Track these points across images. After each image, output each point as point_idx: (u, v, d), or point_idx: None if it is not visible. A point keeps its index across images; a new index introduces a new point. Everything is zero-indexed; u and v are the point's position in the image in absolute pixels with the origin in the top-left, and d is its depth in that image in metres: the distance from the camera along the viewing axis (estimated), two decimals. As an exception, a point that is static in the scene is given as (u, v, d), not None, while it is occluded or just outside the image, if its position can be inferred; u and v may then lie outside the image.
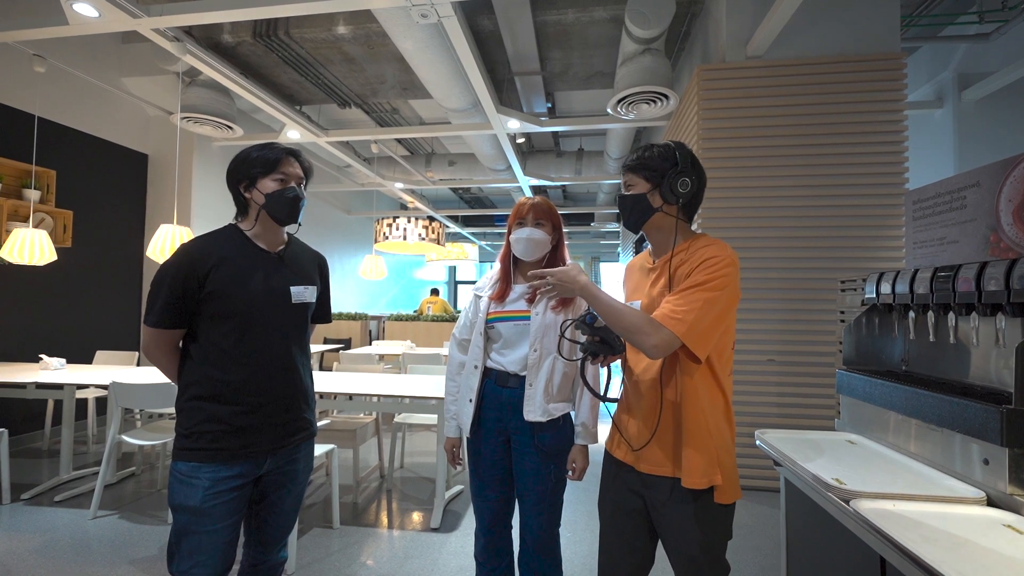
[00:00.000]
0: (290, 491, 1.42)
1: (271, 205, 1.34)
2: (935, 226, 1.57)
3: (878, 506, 1.08)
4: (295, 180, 1.38)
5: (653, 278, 1.28)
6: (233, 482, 1.26)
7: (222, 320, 1.28)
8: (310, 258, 1.51)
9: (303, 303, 1.41)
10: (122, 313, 4.91)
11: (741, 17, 3.34)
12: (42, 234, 3.35)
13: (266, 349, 1.32)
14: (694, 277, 1.13)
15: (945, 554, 0.88)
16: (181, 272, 1.25)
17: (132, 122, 4.99)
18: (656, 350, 1.10)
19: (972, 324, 1.32)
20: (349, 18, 3.99)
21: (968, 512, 1.06)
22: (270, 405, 1.33)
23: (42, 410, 4.15)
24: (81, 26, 3.04)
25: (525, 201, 1.65)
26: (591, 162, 6.71)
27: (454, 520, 2.74)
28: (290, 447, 1.38)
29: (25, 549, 2.37)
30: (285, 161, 1.36)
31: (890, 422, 1.49)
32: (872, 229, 3.12)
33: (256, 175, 1.34)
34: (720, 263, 1.13)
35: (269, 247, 1.39)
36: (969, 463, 1.18)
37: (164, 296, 1.24)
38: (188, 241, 1.31)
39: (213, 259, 1.28)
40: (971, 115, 4.07)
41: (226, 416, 1.27)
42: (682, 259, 1.21)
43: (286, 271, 1.39)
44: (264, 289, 1.33)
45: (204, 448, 1.25)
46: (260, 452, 1.31)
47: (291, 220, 1.38)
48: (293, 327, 1.39)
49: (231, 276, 1.28)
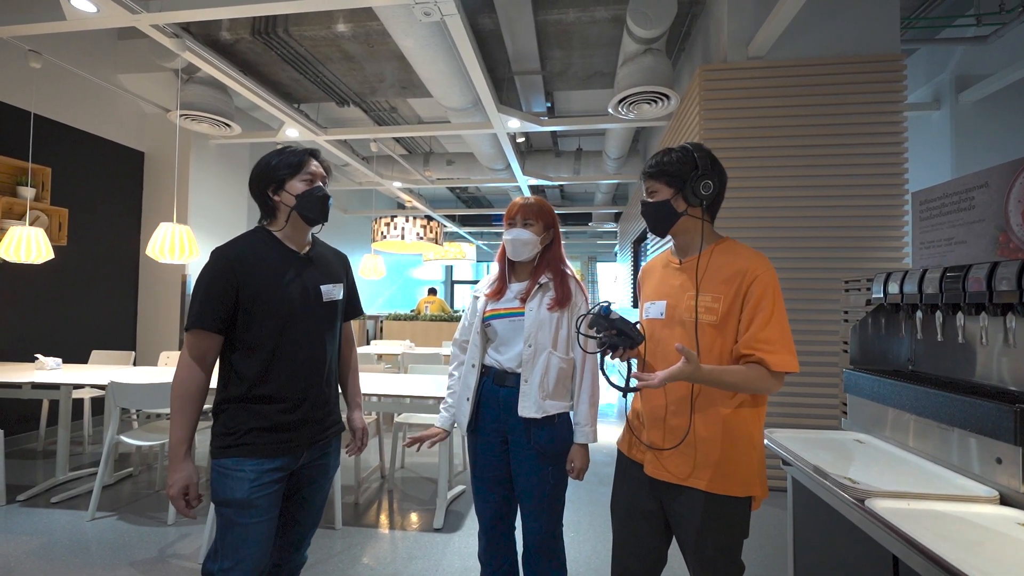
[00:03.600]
0: (321, 486, 1.45)
1: (302, 205, 1.36)
2: (942, 226, 1.58)
3: (893, 505, 1.08)
4: (320, 179, 1.40)
5: (682, 278, 1.28)
6: (276, 474, 1.29)
7: (261, 320, 1.29)
8: (335, 257, 1.54)
9: (333, 300, 1.44)
10: (118, 312, 4.86)
11: (742, 18, 3.34)
12: (39, 232, 3.31)
13: (304, 347, 1.35)
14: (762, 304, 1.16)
15: (963, 553, 0.89)
16: (220, 274, 1.27)
17: (128, 119, 4.94)
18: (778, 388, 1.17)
19: (981, 324, 1.32)
20: (349, 16, 3.97)
21: (982, 511, 1.06)
22: (309, 401, 1.36)
23: (36, 410, 4.10)
24: (79, 22, 3.01)
25: (515, 202, 1.66)
26: (589, 162, 6.71)
27: (457, 520, 2.74)
28: (323, 441, 1.41)
29: (23, 551, 2.34)
30: (309, 161, 1.39)
31: (898, 421, 1.49)
32: (873, 229, 3.14)
33: (284, 177, 1.36)
34: (770, 278, 1.19)
35: (298, 248, 1.41)
36: (981, 462, 1.19)
37: (202, 298, 1.26)
38: (223, 245, 1.32)
39: (249, 260, 1.31)
40: (968, 117, 4.11)
41: (269, 414, 1.29)
42: (712, 262, 1.23)
43: (315, 271, 1.42)
44: (299, 288, 1.35)
45: (248, 444, 1.27)
46: (300, 446, 1.34)
47: (322, 218, 1.41)
48: (327, 324, 1.42)
49: (268, 277, 1.31)
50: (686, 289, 1.25)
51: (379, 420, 3.46)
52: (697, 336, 1.20)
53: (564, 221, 11.31)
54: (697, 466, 1.19)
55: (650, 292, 1.38)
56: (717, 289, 1.21)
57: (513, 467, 1.58)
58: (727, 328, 1.19)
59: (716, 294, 1.21)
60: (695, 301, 1.22)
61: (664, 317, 1.28)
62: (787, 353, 1.14)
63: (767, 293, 1.17)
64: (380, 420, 3.48)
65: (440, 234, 7.22)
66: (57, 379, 3.06)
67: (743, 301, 1.18)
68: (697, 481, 1.19)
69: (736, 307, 1.19)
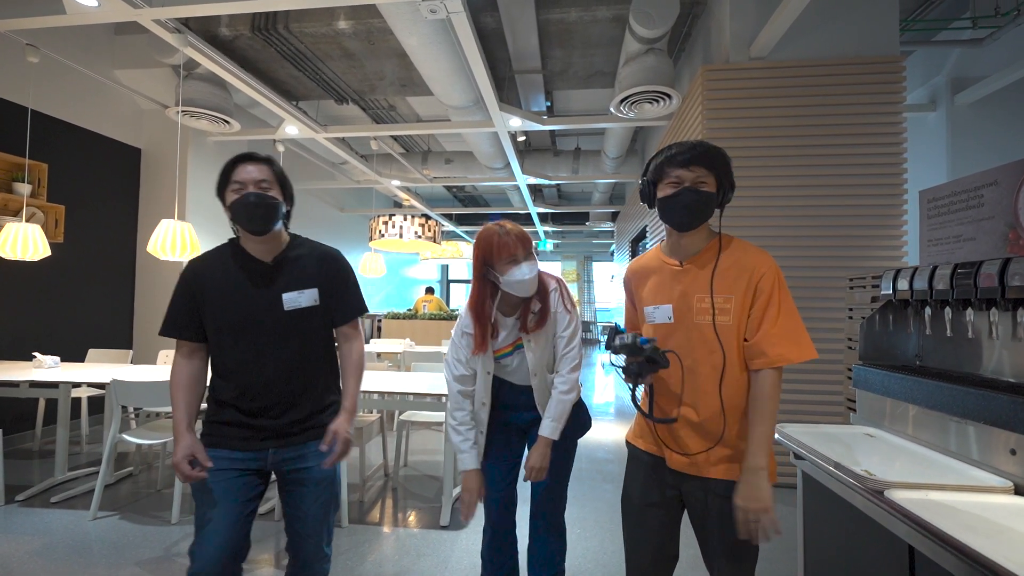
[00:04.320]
0: (309, 492, 1.41)
1: (235, 216, 1.36)
2: (951, 224, 1.60)
3: (913, 496, 1.10)
4: (252, 185, 1.33)
5: (686, 280, 1.26)
6: (234, 464, 1.35)
7: (217, 333, 1.36)
8: (314, 259, 1.46)
9: (297, 309, 1.39)
10: (115, 311, 4.81)
11: (744, 19, 3.37)
12: (35, 228, 3.27)
13: (261, 358, 1.36)
14: (773, 297, 1.19)
15: (986, 541, 0.90)
16: (181, 286, 1.38)
17: (125, 116, 4.90)
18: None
19: (991, 319, 1.35)
20: (350, 13, 3.95)
21: (999, 501, 1.08)
22: (270, 410, 1.38)
23: (32, 410, 4.06)
24: (79, 16, 2.97)
25: (500, 233, 1.47)
26: (588, 161, 6.73)
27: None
28: (294, 440, 1.40)
29: (25, 551, 2.32)
30: (236, 168, 1.35)
31: (909, 415, 1.51)
32: (873, 228, 3.18)
33: (222, 189, 1.37)
34: (777, 273, 1.21)
35: (263, 256, 1.40)
36: (995, 453, 1.21)
37: (170, 307, 1.38)
38: (194, 258, 1.42)
39: (206, 276, 1.37)
40: (964, 118, 4.17)
41: (228, 416, 1.37)
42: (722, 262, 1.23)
43: (280, 279, 1.39)
44: (253, 299, 1.36)
45: (210, 435, 1.38)
46: (263, 441, 1.38)
47: (255, 227, 1.34)
48: (291, 333, 1.39)
49: (220, 293, 1.35)
50: (695, 291, 1.24)
51: (383, 418, 3.45)
52: (719, 337, 1.21)
53: (562, 220, 11.34)
54: (730, 459, 1.22)
55: (649, 295, 1.33)
56: (728, 289, 1.21)
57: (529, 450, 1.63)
58: (741, 327, 1.21)
59: (727, 294, 1.21)
60: (710, 303, 1.21)
61: (673, 321, 1.27)
62: (794, 345, 1.17)
63: (775, 287, 1.20)
64: (383, 418, 3.48)
65: (438, 233, 7.20)
66: (57, 377, 3.02)
67: (753, 298, 1.20)
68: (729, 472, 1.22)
69: (747, 304, 1.20)
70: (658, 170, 1.25)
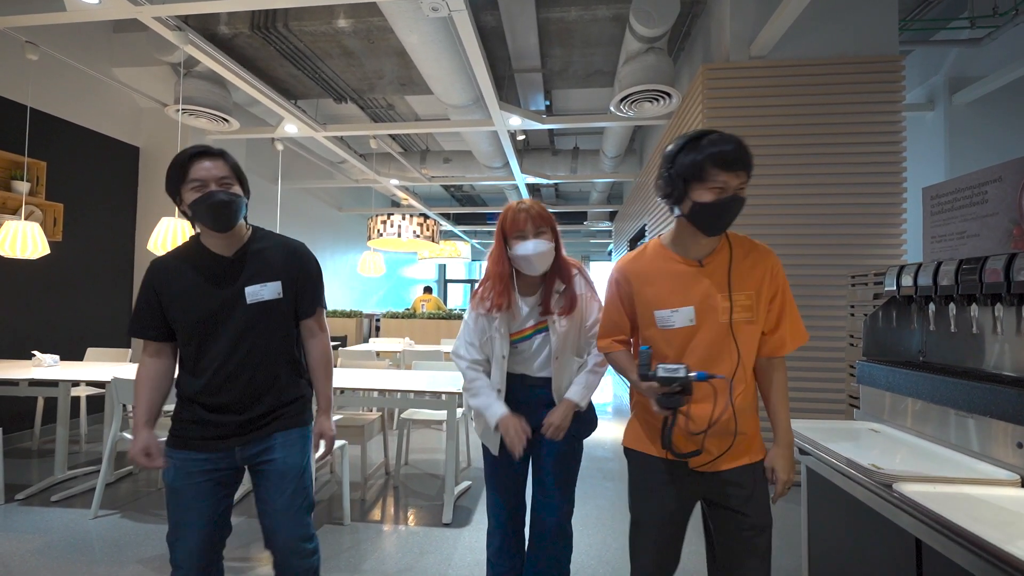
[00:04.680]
0: (274, 484, 1.39)
1: (196, 216, 1.31)
2: (954, 220, 1.61)
3: (921, 489, 1.10)
4: (213, 182, 1.29)
5: (707, 280, 1.23)
6: (202, 465, 1.35)
7: (179, 331, 1.37)
8: (279, 252, 1.43)
9: (260, 302, 1.38)
10: (113, 310, 4.79)
11: (744, 18, 3.38)
12: (34, 226, 3.25)
13: (224, 353, 1.35)
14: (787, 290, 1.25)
15: (996, 532, 0.91)
16: (145, 284, 1.37)
17: (123, 114, 4.87)
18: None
19: (996, 315, 1.36)
20: (350, 11, 3.95)
21: (1006, 493, 1.09)
22: (232, 405, 1.37)
23: (31, 408, 4.03)
24: (79, 13, 2.96)
25: (516, 208, 1.49)
26: (586, 161, 6.74)
27: (465, 516, 2.74)
28: (258, 433, 1.39)
29: (26, 550, 2.30)
30: (193, 165, 1.30)
31: (913, 410, 1.52)
32: (873, 227, 3.19)
33: (177, 186, 1.31)
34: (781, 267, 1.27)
35: (224, 251, 1.37)
36: (1000, 447, 1.22)
37: (135, 308, 1.39)
38: (156, 258, 1.40)
39: (167, 274, 1.35)
40: (962, 118, 4.19)
41: (191, 413, 1.37)
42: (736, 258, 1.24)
43: (242, 272, 1.37)
44: (214, 297, 1.35)
45: (177, 435, 1.37)
46: (226, 439, 1.37)
47: (219, 226, 1.31)
48: (256, 327, 1.38)
49: (180, 291, 1.34)
50: (719, 290, 1.21)
51: (383, 416, 3.45)
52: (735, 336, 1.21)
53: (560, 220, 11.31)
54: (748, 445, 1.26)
55: (662, 298, 1.24)
56: (750, 285, 1.22)
57: (538, 451, 1.60)
58: (761, 322, 1.24)
59: (749, 291, 1.21)
60: (729, 302, 1.20)
61: (695, 323, 1.22)
62: (801, 332, 1.26)
63: (784, 283, 1.25)
64: (384, 416, 3.47)
65: (437, 232, 7.20)
66: (56, 376, 3.01)
67: (770, 292, 1.23)
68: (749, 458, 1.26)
69: (764, 300, 1.23)
70: (697, 169, 1.13)
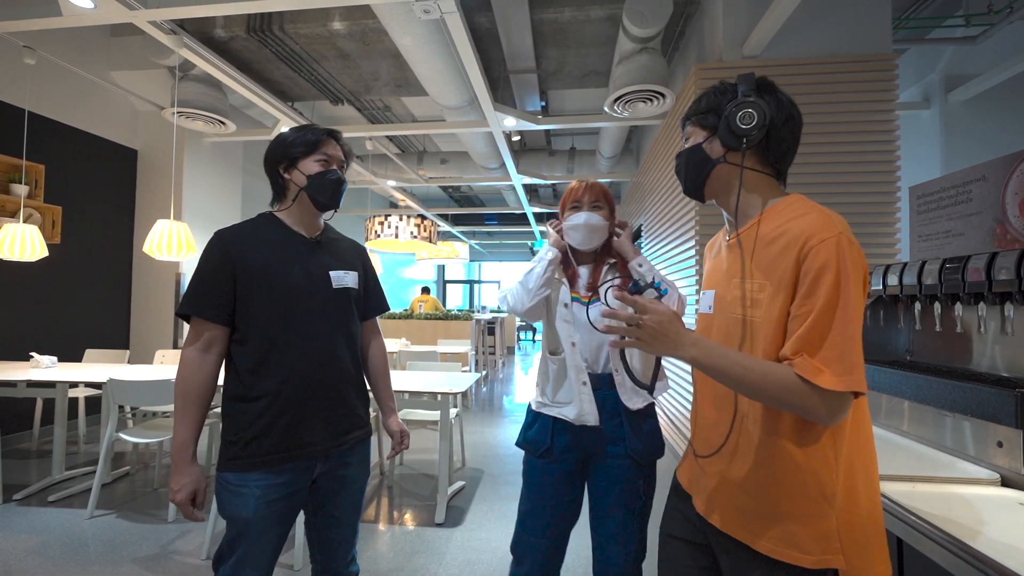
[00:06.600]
0: (345, 499, 1.32)
1: (313, 187, 1.27)
2: (940, 219, 1.62)
3: (902, 488, 1.11)
4: (336, 163, 1.32)
5: (730, 259, 0.95)
6: (284, 490, 1.20)
7: (259, 305, 1.20)
8: (349, 245, 1.45)
9: (344, 287, 1.33)
10: (111, 311, 4.81)
11: (737, 17, 3.38)
12: (33, 229, 3.27)
13: (310, 337, 1.24)
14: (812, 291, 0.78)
15: (972, 531, 0.92)
16: (215, 256, 1.20)
17: (121, 117, 4.90)
18: (834, 419, 0.77)
19: (979, 313, 1.36)
20: (345, 13, 3.96)
21: (985, 492, 1.10)
22: (319, 398, 1.24)
23: (29, 410, 4.06)
24: (75, 17, 2.98)
25: (578, 183, 1.48)
26: (583, 161, 6.75)
27: (458, 515, 2.75)
28: (343, 449, 1.29)
29: (23, 549, 2.32)
30: (327, 142, 1.31)
31: (896, 409, 1.53)
32: (867, 226, 3.19)
33: (297, 156, 1.28)
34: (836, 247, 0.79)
35: (307, 232, 1.33)
36: (982, 446, 1.22)
37: (196, 281, 1.19)
38: (223, 228, 1.26)
39: (248, 241, 1.23)
40: (957, 116, 4.18)
41: (270, 415, 1.19)
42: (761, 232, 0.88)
43: (325, 256, 1.33)
44: (302, 272, 1.26)
45: (251, 456, 1.17)
46: (312, 453, 1.23)
47: (332, 204, 1.31)
48: (338, 314, 1.31)
49: (267, 258, 1.23)
50: (733, 274, 0.92)
51: (378, 417, 3.45)
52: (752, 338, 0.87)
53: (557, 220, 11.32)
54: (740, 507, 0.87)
55: (705, 277, 1.07)
56: (765, 272, 0.86)
57: (596, 486, 1.39)
58: (775, 324, 0.83)
59: (763, 280, 0.86)
60: (741, 290, 0.89)
61: (713, 312, 0.97)
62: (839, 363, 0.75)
63: (828, 269, 0.77)
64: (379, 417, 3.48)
65: (434, 233, 7.22)
66: (54, 377, 3.03)
67: (796, 283, 0.81)
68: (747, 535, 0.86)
69: (788, 293, 0.82)
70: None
